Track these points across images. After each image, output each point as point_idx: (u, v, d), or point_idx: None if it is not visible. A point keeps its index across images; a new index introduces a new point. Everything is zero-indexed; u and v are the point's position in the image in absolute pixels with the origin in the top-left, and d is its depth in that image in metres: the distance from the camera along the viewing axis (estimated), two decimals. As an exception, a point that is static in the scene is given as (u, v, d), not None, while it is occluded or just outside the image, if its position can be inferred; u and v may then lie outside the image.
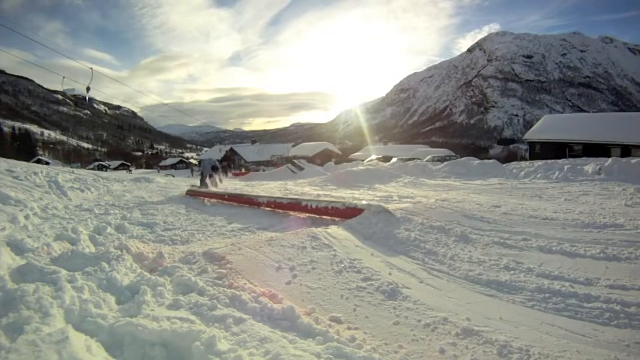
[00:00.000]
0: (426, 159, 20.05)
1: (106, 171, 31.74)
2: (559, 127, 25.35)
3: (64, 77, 10.10)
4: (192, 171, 43.33)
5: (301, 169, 16.74)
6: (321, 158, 40.79)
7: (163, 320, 1.68)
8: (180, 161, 73.07)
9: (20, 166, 8.62)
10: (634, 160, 8.03)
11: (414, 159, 19.78)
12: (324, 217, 4.41)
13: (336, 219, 4.14)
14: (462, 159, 12.63)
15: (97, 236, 3.62)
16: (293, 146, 56.52)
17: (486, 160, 11.61)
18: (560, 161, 9.93)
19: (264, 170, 26.09)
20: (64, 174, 8.88)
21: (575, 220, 3.72)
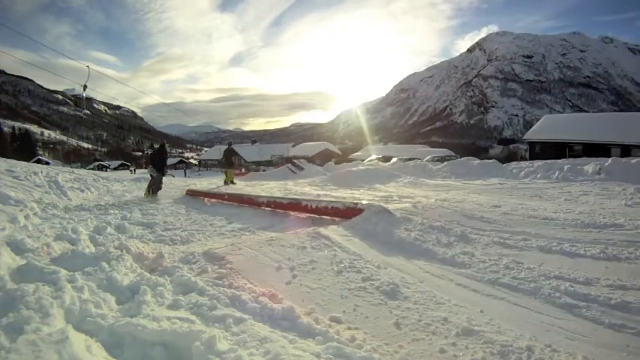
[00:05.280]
0: (426, 159, 20.04)
1: (106, 171, 31.75)
2: (559, 127, 25.35)
3: (85, 87, 9.66)
4: (185, 171, 43.61)
5: (301, 169, 16.73)
6: (321, 158, 40.78)
7: (163, 320, 1.68)
8: (180, 161, 73.02)
9: (20, 166, 8.62)
10: (634, 160, 8.04)
11: (414, 159, 19.78)
12: (324, 217, 4.41)
13: (336, 219, 4.14)
14: (462, 159, 12.63)
15: (97, 236, 3.62)
16: (293, 146, 56.49)
17: (486, 160, 11.61)
18: (560, 161, 9.93)
19: (264, 170, 26.07)
20: (64, 174, 8.88)
21: (575, 220, 3.72)
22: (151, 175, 7.85)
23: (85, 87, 10.41)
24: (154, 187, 7.58)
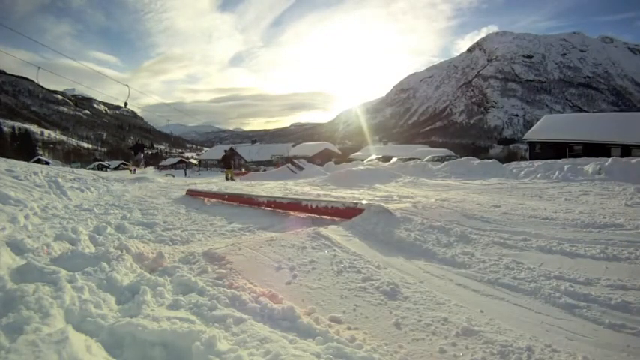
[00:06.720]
0: (426, 159, 20.04)
1: (106, 171, 31.73)
2: (559, 127, 25.38)
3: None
4: (185, 171, 44.04)
5: (301, 169, 16.74)
6: (321, 158, 40.79)
7: (163, 320, 1.68)
8: (181, 161, 73.00)
9: (20, 166, 8.61)
10: (634, 160, 8.03)
11: (414, 159, 19.79)
12: (324, 217, 4.41)
13: (336, 219, 4.14)
14: (462, 159, 12.63)
15: (97, 236, 3.62)
16: (293, 146, 56.48)
17: (486, 160, 11.61)
18: (560, 161, 9.92)
19: (264, 170, 26.08)
20: (64, 174, 8.87)
21: (575, 220, 3.72)
22: (133, 167, 13.72)
23: (125, 104, 12.20)
24: (134, 170, 13.08)
